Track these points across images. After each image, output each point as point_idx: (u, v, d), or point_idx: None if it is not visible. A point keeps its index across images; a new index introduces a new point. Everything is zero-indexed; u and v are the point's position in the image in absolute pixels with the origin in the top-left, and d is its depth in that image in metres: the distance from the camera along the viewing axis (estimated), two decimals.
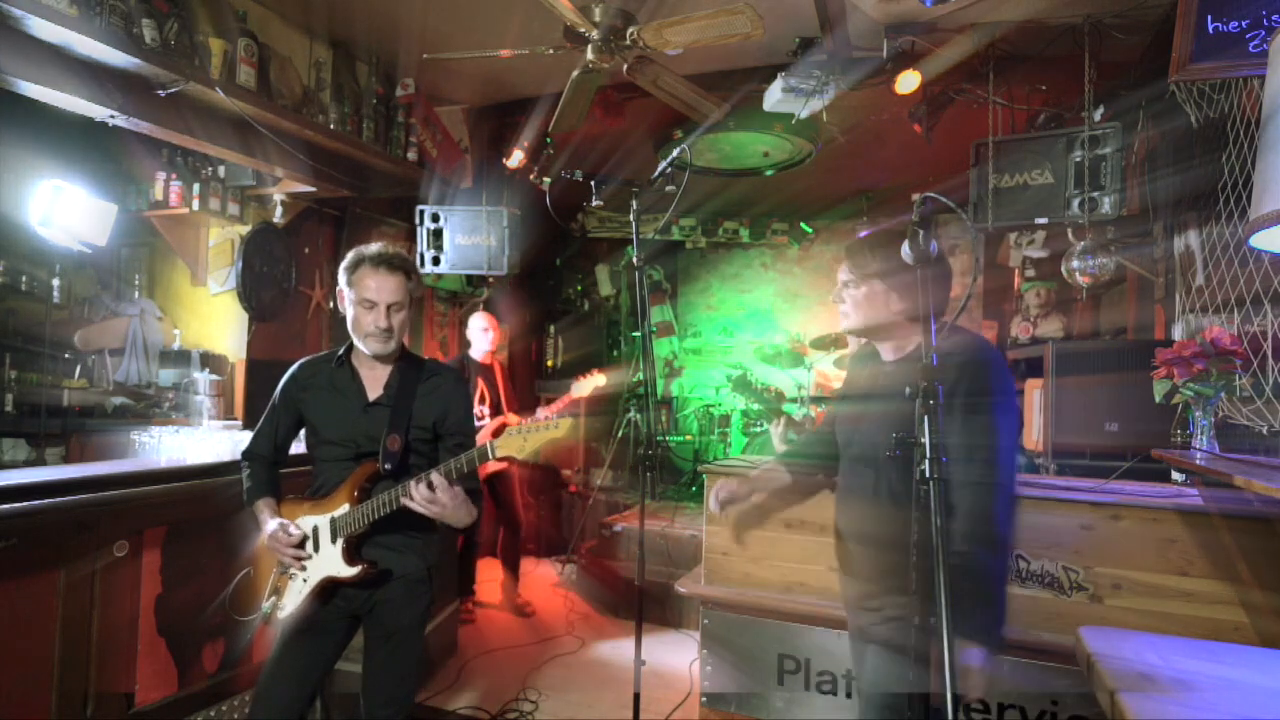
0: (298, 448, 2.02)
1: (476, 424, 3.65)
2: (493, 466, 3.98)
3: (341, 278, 1.85)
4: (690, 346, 7.21)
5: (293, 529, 1.82)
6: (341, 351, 1.93)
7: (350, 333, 1.87)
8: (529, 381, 6.45)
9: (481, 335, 4.11)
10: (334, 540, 1.80)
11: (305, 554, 1.82)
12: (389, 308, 1.80)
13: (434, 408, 1.89)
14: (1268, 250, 1.27)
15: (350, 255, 1.85)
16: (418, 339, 5.31)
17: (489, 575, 4.47)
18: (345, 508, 1.79)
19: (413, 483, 1.69)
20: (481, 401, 4.02)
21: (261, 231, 3.96)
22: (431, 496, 1.68)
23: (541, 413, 2.26)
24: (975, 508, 1.41)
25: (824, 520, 2.40)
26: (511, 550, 4.29)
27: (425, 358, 1.98)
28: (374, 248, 1.85)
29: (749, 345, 6.70)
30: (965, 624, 1.26)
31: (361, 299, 1.81)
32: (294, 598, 1.82)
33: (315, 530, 1.83)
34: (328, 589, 1.81)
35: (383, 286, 1.80)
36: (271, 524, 1.84)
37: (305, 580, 1.82)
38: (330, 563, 1.80)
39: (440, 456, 1.87)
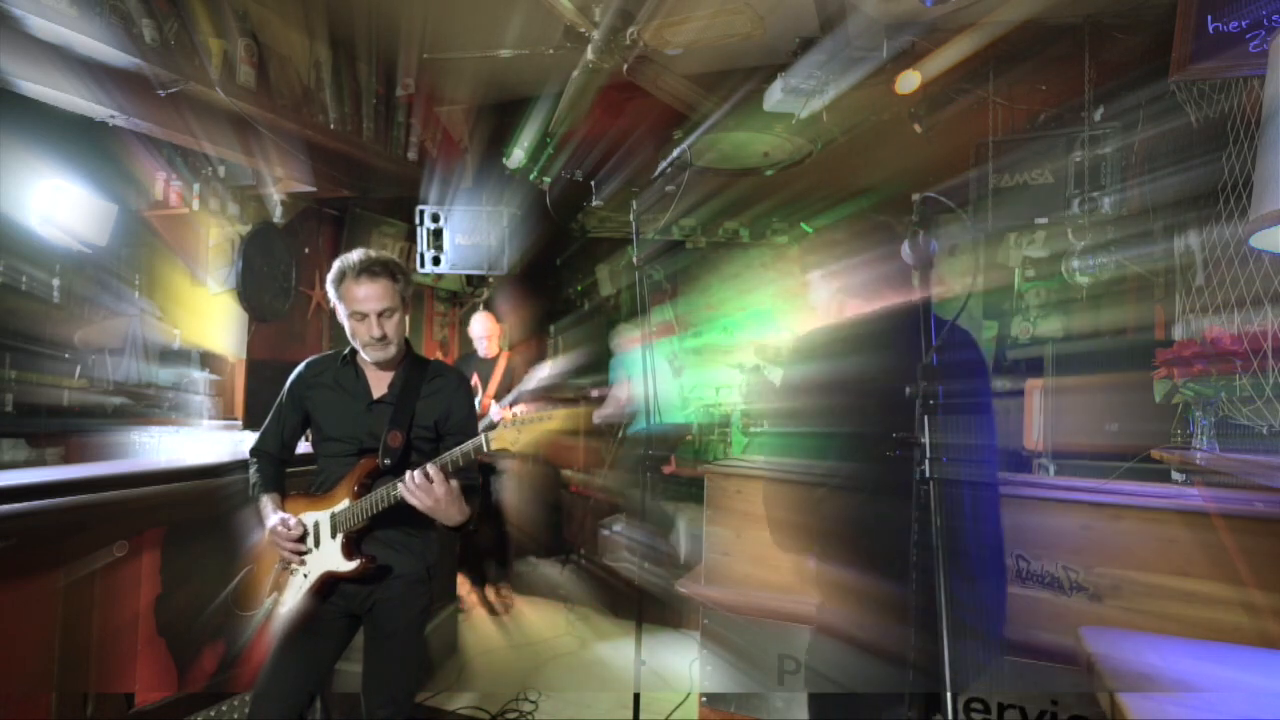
0: (304, 447, 2.02)
1: None
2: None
3: (330, 291, 1.83)
4: (691, 346, 7.20)
5: (294, 523, 1.82)
6: (348, 351, 1.93)
7: (350, 340, 1.87)
8: None
9: (478, 341, 4.40)
10: (333, 535, 1.81)
11: (305, 548, 1.82)
12: (379, 316, 1.79)
13: (437, 407, 1.89)
14: (1268, 250, 1.27)
15: (335, 266, 1.82)
16: (418, 339, 5.30)
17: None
18: (345, 503, 1.80)
19: (408, 473, 1.68)
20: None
21: (261, 231, 3.95)
22: (426, 486, 1.66)
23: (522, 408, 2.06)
24: None
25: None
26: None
27: (430, 358, 1.98)
28: (355, 255, 1.81)
29: (750, 345, 6.69)
30: None
31: (352, 311, 1.80)
32: (294, 593, 1.83)
33: (316, 526, 1.83)
34: (327, 584, 1.81)
35: (369, 295, 1.77)
36: (273, 518, 1.85)
37: (305, 576, 1.83)
38: (330, 558, 1.80)
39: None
